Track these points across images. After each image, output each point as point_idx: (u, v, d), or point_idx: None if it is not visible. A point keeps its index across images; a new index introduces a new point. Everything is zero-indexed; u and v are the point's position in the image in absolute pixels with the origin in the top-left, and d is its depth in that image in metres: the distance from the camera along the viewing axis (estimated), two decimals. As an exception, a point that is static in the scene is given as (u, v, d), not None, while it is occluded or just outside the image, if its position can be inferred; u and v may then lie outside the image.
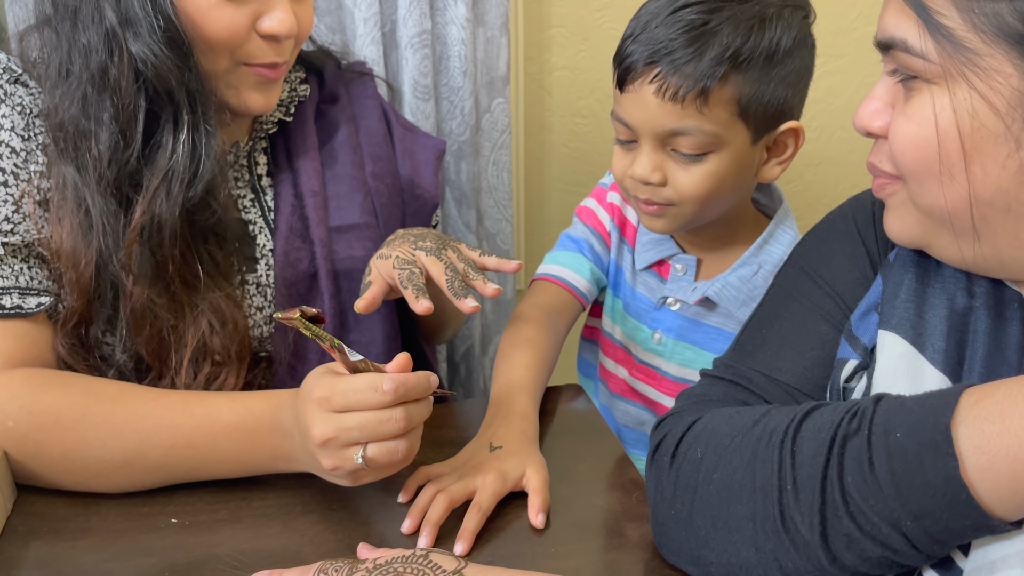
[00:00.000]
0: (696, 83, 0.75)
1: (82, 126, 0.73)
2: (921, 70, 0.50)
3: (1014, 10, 0.46)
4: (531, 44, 1.39)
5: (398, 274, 0.74)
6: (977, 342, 0.56)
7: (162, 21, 0.71)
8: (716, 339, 0.89)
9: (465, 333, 1.39)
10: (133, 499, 0.68)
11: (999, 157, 0.48)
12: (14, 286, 0.72)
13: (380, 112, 0.96)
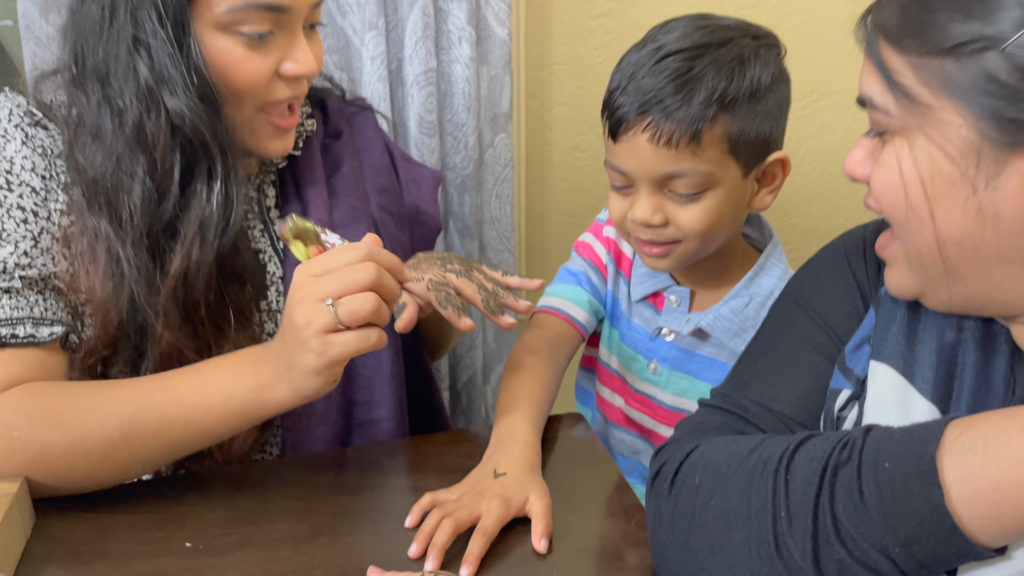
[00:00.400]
0: (688, 127, 0.78)
1: (117, 181, 0.75)
2: (886, 123, 0.54)
3: (958, 67, 0.49)
4: (532, 82, 1.43)
5: (435, 296, 0.78)
6: (965, 374, 0.58)
7: (196, 77, 0.74)
8: (710, 369, 0.91)
9: (467, 362, 1.41)
10: (148, 523, 0.70)
11: (959, 200, 0.52)
12: (28, 316, 0.75)
13: (382, 145, 0.99)
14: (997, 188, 0.50)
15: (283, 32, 0.78)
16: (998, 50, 0.48)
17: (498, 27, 1.25)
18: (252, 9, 0.74)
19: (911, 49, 0.52)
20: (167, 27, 0.72)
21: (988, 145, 0.50)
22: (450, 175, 1.32)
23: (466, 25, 1.22)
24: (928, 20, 0.51)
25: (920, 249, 0.55)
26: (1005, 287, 0.54)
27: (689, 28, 0.82)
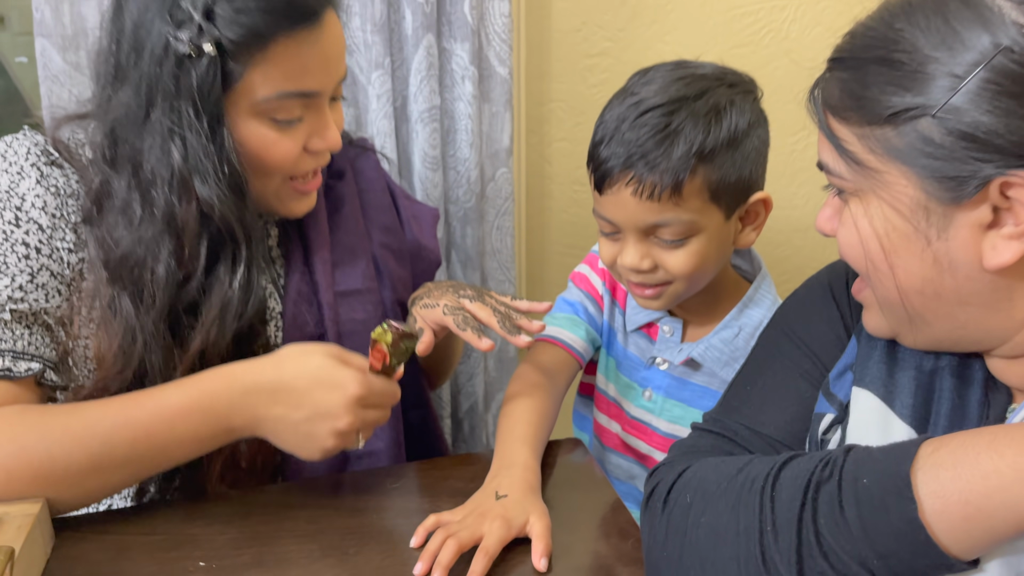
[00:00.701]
0: (669, 180, 0.81)
1: (142, 260, 0.77)
2: (843, 186, 0.59)
3: (897, 134, 0.54)
4: (532, 118, 1.47)
5: (452, 319, 0.82)
6: (942, 400, 0.62)
7: (227, 167, 0.77)
8: (702, 397, 0.94)
9: (468, 390, 1.44)
10: (163, 544, 0.73)
11: (916, 252, 0.56)
12: (10, 349, 0.77)
13: (383, 184, 1.03)
14: (949, 239, 0.54)
15: (311, 112, 0.81)
16: (930, 116, 0.52)
17: (499, 66, 1.30)
18: (286, 98, 0.78)
19: (854, 121, 0.56)
20: (203, 119, 0.76)
21: (934, 201, 0.54)
22: (453, 208, 1.36)
23: (469, 64, 1.26)
24: (866, 94, 0.55)
25: (887, 297, 0.60)
26: (970, 327, 0.58)
27: (667, 80, 0.84)
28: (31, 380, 0.79)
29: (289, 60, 0.77)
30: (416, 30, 1.22)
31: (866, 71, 0.55)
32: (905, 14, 0.54)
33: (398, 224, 1.02)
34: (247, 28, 0.74)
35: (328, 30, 0.80)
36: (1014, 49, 0.49)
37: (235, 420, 0.75)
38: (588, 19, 1.44)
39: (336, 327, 0.91)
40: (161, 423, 0.74)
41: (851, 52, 0.57)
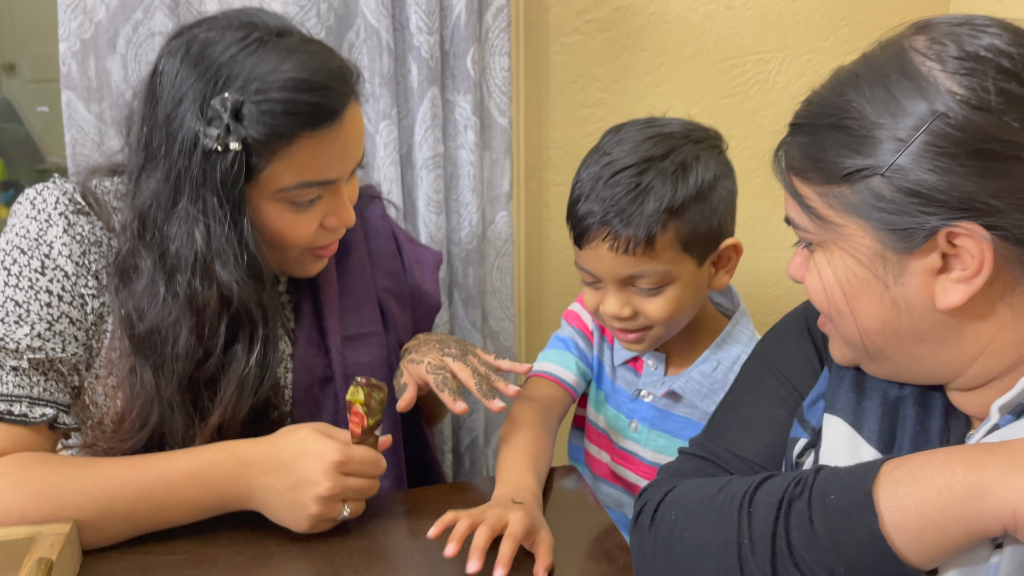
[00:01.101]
0: (642, 235, 0.87)
1: (164, 336, 0.82)
2: (808, 238, 0.65)
3: (852, 191, 0.60)
4: (531, 164, 1.55)
5: (433, 378, 0.87)
6: (906, 425, 0.67)
7: (246, 254, 0.82)
8: (685, 428, 0.99)
9: (469, 425, 1.49)
10: (184, 563, 0.78)
11: (875, 296, 0.62)
12: (27, 395, 0.82)
13: (389, 231, 1.08)
14: (904, 283, 0.60)
15: (328, 194, 0.87)
16: (880, 175, 0.58)
17: (499, 117, 1.37)
18: (305, 187, 0.83)
19: (814, 180, 0.62)
20: (225, 208, 0.81)
21: (889, 251, 0.60)
22: (455, 249, 1.42)
23: (471, 115, 1.34)
24: (823, 157, 0.61)
25: (848, 336, 0.66)
26: (927, 361, 0.64)
27: (636, 140, 0.90)
28: (44, 426, 0.84)
29: (310, 155, 0.82)
30: (421, 83, 1.30)
31: (822, 136, 0.62)
32: (852, 84, 0.61)
33: (401, 269, 1.07)
34: (272, 128, 0.79)
35: (348, 123, 0.84)
36: (949, 115, 0.56)
37: (230, 490, 0.80)
38: (584, 72, 1.52)
39: (343, 370, 0.96)
40: (164, 485, 0.79)
41: (808, 119, 0.64)
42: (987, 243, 0.56)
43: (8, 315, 0.82)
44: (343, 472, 0.79)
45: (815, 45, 1.62)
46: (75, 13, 1.23)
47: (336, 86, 0.83)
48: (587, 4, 1.48)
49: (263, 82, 0.79)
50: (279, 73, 0.79)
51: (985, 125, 0.55)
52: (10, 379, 0.82)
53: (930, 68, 0.57)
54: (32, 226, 0.84)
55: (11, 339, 0.82)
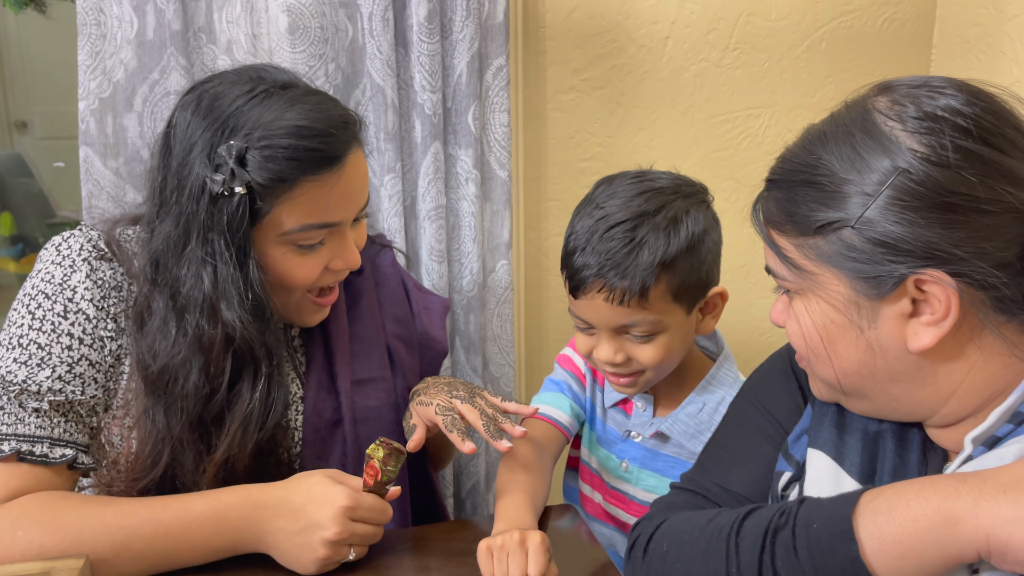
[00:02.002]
0: (637, 288, 0.91)
1: (175, 375, 0.86)
2: (786, 287, 0.69)
3: (825, 243, 0.64)
4: (530, 215, 1.60)
5: (442, 420, 0.90)
6: (886, 459, 0.70)
7: (250, 294, 0.86)
8: (673, 467, 1.02)
9: (471, 470, 1.51)
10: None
11: (851, 340, 0.65)
12: (48, 436, 0.85)
13: (398, 279, 1.12)
14: (878, 327, 0.64)
15: (333, 237, 0.91)
16: (850, 227, 0.62)
17: (500, 170, 1.43)
18: (308, 230, 0.87)
19: (790, 232, 0.67)
20: (231, 250, 0.85)
21: (862, 297, 0.64)
22: (457, 297, 1.46)
23: (472, 168, 1.40)
24: (797, 211, 0.65)
25: (826, 378, 0.69)
26: (903, 400, 0.67)
27: (629, 195, 0.95)
28: (63, 466, 0.87)
29: (313, 199, 0.86)
30: (425, 138, 1.36)
31: (795, 191, 0.66)
32: (821, 143, 0.65)
33: (410, 316, 1.10)
34: (274, 173, 0.83)
35: (351, 169, 0.88)
36: (911, 171, 0.60)
37: (243, 532, 0.83)
38: (580, 127, 1.58)
39: (352, 413, 0.98)
40: (180, 525, 0.82)
41: (782, 175, 0.68)
42: (952, 289, 0.60)
43: (31, 358, 0.86)
44: (351, 517, 0.82)
45: (802, 101, 1.68)
46: (95, 73, 1.30)
47: (337, 132, 0.87)
48: (583, 63, 1.55)
49: (267, 129, 0.83)
50: (282, 121, 0.84)
51: (944, 180, 0.59)
52: (32, 420, 0.85)
53: (892, 127, 0.62)
54: (57, 272, 0.89)
55: (33, 381, 0.85)
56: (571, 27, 1.52)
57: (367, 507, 0.83)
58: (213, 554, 0.84)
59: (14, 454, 0.84)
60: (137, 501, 0.84)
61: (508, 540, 0.80)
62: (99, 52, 1.30)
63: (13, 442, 0.84)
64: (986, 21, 1.58)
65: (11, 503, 0.82)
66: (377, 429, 0.99)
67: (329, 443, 0.98)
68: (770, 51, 1.63)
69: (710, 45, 1.60)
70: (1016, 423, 0.62)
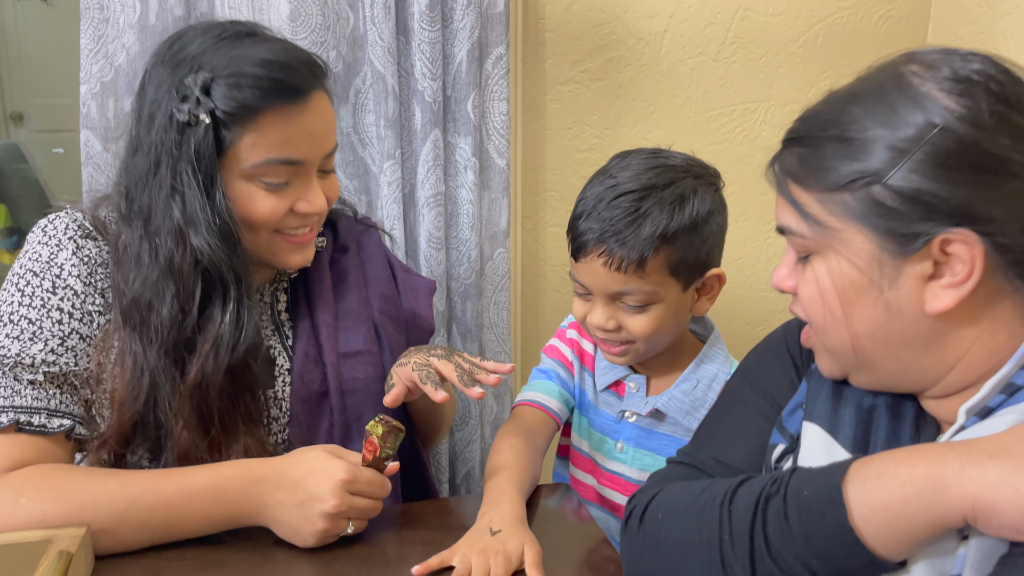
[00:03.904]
0: (635, 256, 0.93)
1: (148, 302, 0.88)
2: (803, 245, 0.68)
3: (855, 199, 0.63)
4: (528, 205, 1.61)
5: (417, 374, 0.91)
6: (879, 432, 0.71)
7: (217, 220, 0.88)
8: (668, 445, 1.04)
9: (465, 456, 1.52)
10: (193, 567, 0.82)
11: (870, 301, 0.65)
12: (44, 407, 0.87)
13: (384, 258, 1.14)
14: (898, 288, 0.63)
15: (299, 179, 0.93)
16: (881, 184, 0.61)
17: (498, 158, 1.44)
18: (272, 164, 0.89)
19: (815, 188, 0.65)
20: (199, 179, 0.87)
21: (886, 255, 0.63)
22: (454, 284, 1.48)
23: (471, 156, 1.41)
24: (824, 166, 0.64)
25: (837, 345, 0.69)
26: (911, 368, 0.67)
27: (641, 168, 0.97)
28: (61, 436, 0.88)
29: (276, 131, 0.88)
30: (424, 126, 1.37)
31: (822, 147, 0.65)
32: (851, 99, 0.65)
33: (396, 294, 1.12)
34: (238, 102, 0.86)
35: (314, 108, 0.91)
36: (948, 128, 0.60)
37: (243, 505, 0.84)
38: (578, 119, 1.60)
39: (339, 384, 1.00)
40: (180, 497, 0.83)
41: (807, 131, 0.67)
42: (979, 248, 0.60)
43: (23, 332, 0.87)
44: (350, 491, 0.83)
45: (797, 96, 1.70)
46: (96, 57, 1.30)
47: (302, 68, 0.90)
48: (582, 55, 1.56)
49: (233, 63, 0.87)
50: (248, 56, 0.88)
51: (980, 140, 0.59)
52: (28, 392, 0.86)
53: (928, 86, 0.62)
54: (44, 251, 0.91)
55: (27, 354, 0.86)
56: (570, 19, 1.54)
57: (365, 481, 0.84)
58: (213, 526, 0.85)
59: (13, 424, 0.85)
60: (139, 473, 0.85)
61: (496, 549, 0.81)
62: (101, 36, 1.30)
63: (11, 413, 0.85)
64: (980, 19, 1.60)
65: (14, 473, 0.83)
66: (364, 401, 1.01)
67: (317, 414, 1.00)
68: (766, 46, 1.65)
69: (707, 39, 1.62)
70: (1008, 394, 0.62)
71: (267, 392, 0.97)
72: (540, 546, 0.83)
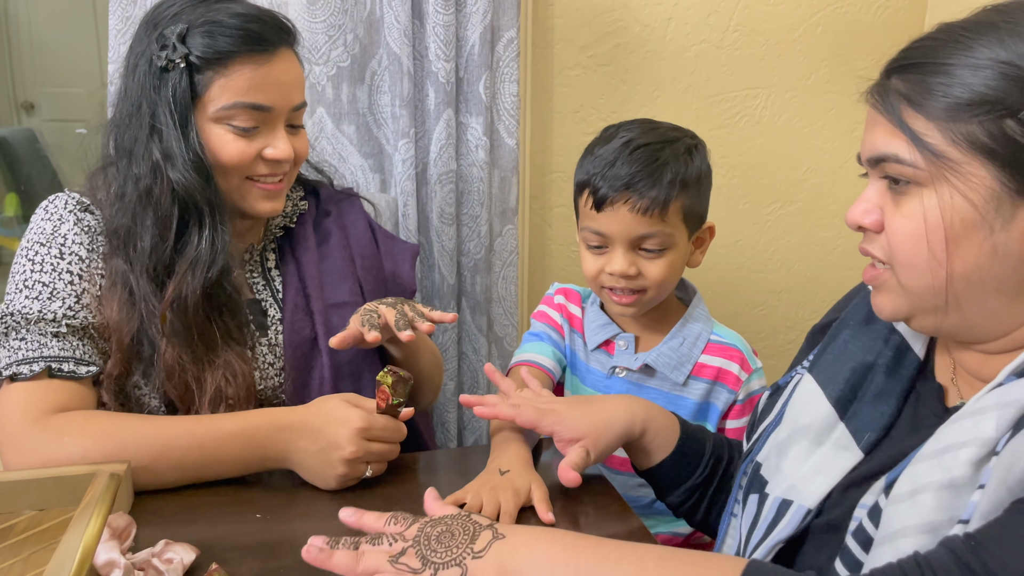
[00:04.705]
0: (660, 200, 1.02)
1: (131, 230, 0.97)
2: (912, 175, 0.63)
3: (984, 130, 0.60)
4: (536, 186, 1.67)
5: (361, 318, 0.99)
6: (868, 392, 0.74)
7: (191, 155, 0.96)
8: (657, 399, 1.09)
9: (473, 426, 1.58)
10: (226, 502, 0.88)
11: (977, 240, 0.61)
12: (71, 356, 0.94)
13: (365, 223, 1.21)
14: (1010, 229, 0.61)
15: (267, 127, 1.01)
16: (1015, 117, 0.58)
17: (508, 138, 1.50)
18: (240, 108, 0.97)
19: (937, 115, 0.62)
20: (175, 119, 0.96)
21: (1007, 193, 0.60)
22: (464, 260, 1.54)
23: (482, 135, 1.47)
24: (951, 92, 0.61)
25: (923, 285, 0.65)
26: (992, 316, 0.65)
27: (645, 128, 1.07)
28: (89, 380, 0.95)
29: (244, 77, 0.97)
30: (438, 106, 1.43)
31: (951, 72, 0.61)
32: (984, 29, 0.62)
33: (377, 255, 1.20)
34: (212, 49, 0.95)
35: (281, 61, 1.00)
36: None
37: (269, 451, 0.91)
38: (585, 102, 1.66)
39: (327, 330, 1.07)
40: (212, 440, 0.90)
41: (930, 56, 0.63)
42: None
43: (40, 294, 0.95)
44: (366, 437, 0.89)
45: (797, 83, 1.76)
46: (124, 38, 1.37)
47: (270, 23, 0.99)
48: (589, 40, 1.62)
49: (208, 15, 0.97)
50: (223, 10, 0.98)
51: None
52: (54, 344, 0.93)
53: None
54: (47, 225, 0.99)
55: (48, 311, 0.94)
56: (578, 6, 1.60)
57: (380, 427, 0.90)
58: (243, 468, 0.91)
59: (45, 371, 0.91)
60: (173, 418, 0.92)
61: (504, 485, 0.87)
62: (129, 17, 1.37)
63: (42, 363, 0.92)
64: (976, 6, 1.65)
65: (56, 415, 0.89)
66: (351, 348, 1.07)
67: (309, 358, 1.08)
68: (768, 34, 1.71)
69: (711, 27, 1.68)
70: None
71: (261, 339, 1.06)
72: (545, 485, 0.89)
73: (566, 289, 1.23)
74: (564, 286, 1.23)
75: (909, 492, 0.61)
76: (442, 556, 0.66)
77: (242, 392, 0.99)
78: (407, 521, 0.71)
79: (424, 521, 0.71)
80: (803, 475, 0.74)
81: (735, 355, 1.12)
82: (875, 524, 0.63)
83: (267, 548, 0.79)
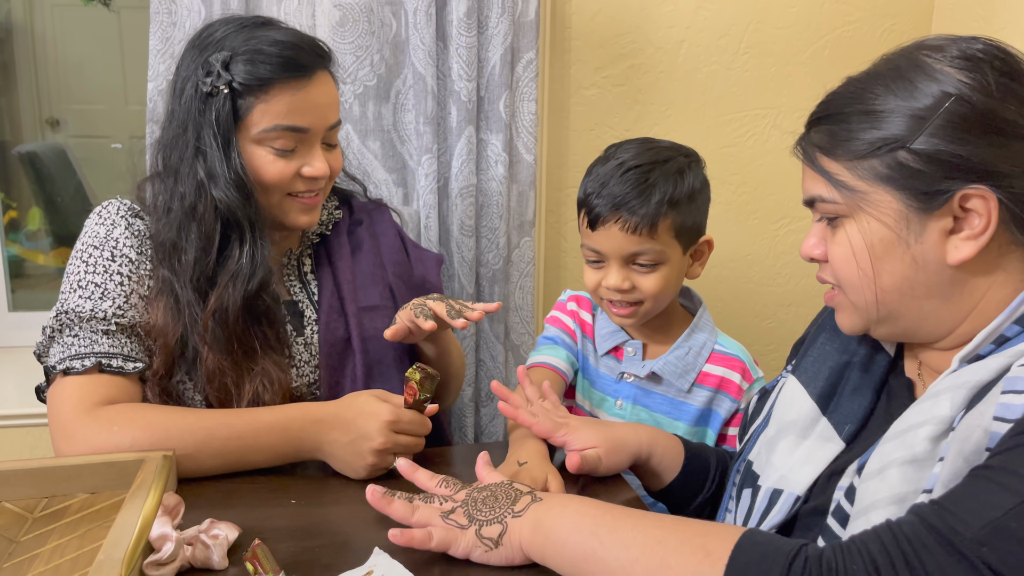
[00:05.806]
0: (648, 220, 1.07)
1: (177, 244, 1.04)
2: (835, 211, 0.75)
3: (882, 163, 0.71)
4: (552, 200, 1.73)
5: (412, 311, 1.06)
6: (846, 387, 0.82)
7: (233, 175, 1.03)
8: (662, 404, 1.16)
9: (491, 430, 1.64)
10: (263, 488, 0.94)
11: (897, 255, 0.72)
12: (119, 352, 1.01)
13: (395, 231, 1.29)
14: (924, 241, 0.70)
15: (304, 146, 1.07)
16: (905, 148, 0.69)
17: (526, 154, 1.57)
18: (280, 131, 1.04)
19: (843, 156, 0.73)
20: (218, 141, 1.03)
21: (913, 212, 0.70)
22: (483, 270, 1.60)
23: (501, 152, 1.53)
24: (852, 136, 0.73)
25: (864, 300, 0.75)
26: (930, 318, 0.74)
27: (640, 149, 1.12)
28: (135, 376, 1.02)
29: (283, 102, 1.03)
30: (459, 123, 1.50)
31: (850, 120, 0.73)
32: (871, 79, 0.73)
33: (407, 262, 1.27)
34: (253, 76, 1.02)
35: (318, 84, 1.06)
36: (961, 97, 0.68)
37: (304, 443, 0.97)
38: (600, 120, 1.72)
39: (360, 332, 1.14)
40: (250, 431, 0.96)
41: (833, 109, 0.75)
42: (995, 202, 0.67)
43: (92, 294, 1.02)
44: (394, 430, 0.95)
45: (805, 104, 1.79)
46: (163, 57, 1.45)
47: (307, 49, 1.06)
48: (604, 62, 1.69)
49: (249, 43, 1.03)
50: (264, 38, 1.04)
51: (990, 106, 0.68)
52: (104, 341, 1.00)
53: (939, 64, 0.70)
54: (101, 230, 1.06)
55: (99, 310, 1.01)
56: (595, 28, 1.67)
57: (408, 420, 0.97)
58: (279, 458, 0.97)
59: (96, 365, 0.98)
60: (214, 411, 0.99)
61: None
62: (168, 38, 1.45)
63: (93, 358, 0.98)
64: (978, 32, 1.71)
65: (106, 407, 0.95)
66: (383, 347, 1.15)
67: (343, 357, 1.14)
68: (776, 56, 1.77)
69: (721, 49, 1.74)
70: (998, 344, 0.69)
71: (297, 339, 1.12)
72: (561, 477, 0.94)
73: (578, 296, 1.29)
74: (576, 293, 1.29)
75: (878, 470, 0.68)
76: (486, 515, 0.77)
77: (278, 399, 1.05)
78: (456, 486, 0.82)
79: (473, 486, 0.81)
80: (792, 466, 0.81)
81: (737, 365, 1.17)
82: (851, 502, 0.70)
83: (302, 530, 0.85)
